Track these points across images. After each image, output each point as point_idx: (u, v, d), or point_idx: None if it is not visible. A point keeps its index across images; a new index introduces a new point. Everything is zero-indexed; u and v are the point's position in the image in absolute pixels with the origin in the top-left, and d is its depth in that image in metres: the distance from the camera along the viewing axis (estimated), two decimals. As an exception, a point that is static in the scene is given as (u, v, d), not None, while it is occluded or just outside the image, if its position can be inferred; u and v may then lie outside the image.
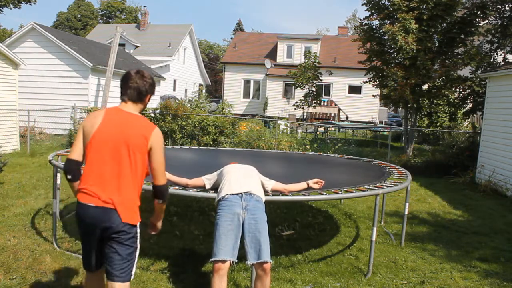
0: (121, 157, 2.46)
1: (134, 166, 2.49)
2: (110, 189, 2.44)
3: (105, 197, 2.42)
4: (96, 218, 2.42)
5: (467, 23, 11.71)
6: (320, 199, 4.37)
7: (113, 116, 2.54)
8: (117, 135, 2.47)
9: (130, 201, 2.50)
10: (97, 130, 2.47)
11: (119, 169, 2.46)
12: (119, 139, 2.47)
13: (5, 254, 4.05)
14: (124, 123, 2.52)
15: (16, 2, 21.55)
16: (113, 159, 2.46)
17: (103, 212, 2.41)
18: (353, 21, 50.07)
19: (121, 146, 2.46)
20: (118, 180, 2.46)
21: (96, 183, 2.44)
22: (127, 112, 2.57)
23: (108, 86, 14.35)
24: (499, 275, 4.22)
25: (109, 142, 2.46)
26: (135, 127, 2.52)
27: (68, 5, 49.22)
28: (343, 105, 24.98)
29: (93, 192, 2.43)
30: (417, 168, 10.40)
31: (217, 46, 52.96)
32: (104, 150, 2.46)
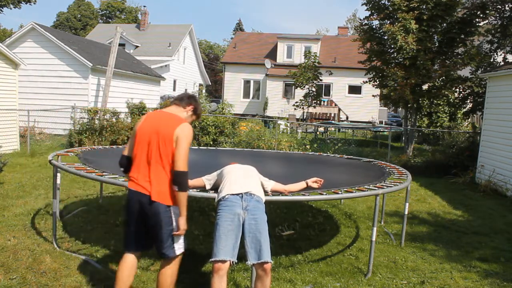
0: (152, 147, 2.90)
1: (164, 154, 2.87)
2: (144, 174, 2.89)
3: (140, 182, 2.88)
4: (135, 200, 2.89)
5: (467, 23, 11.72)
6: (320, 199, 4.37)
7: (152, 115, 3.07)
8: (151, 128, 2.93)
9: (160, 185, 2.86)
10: (139, 127, 3.00)
11: (151, 157, 2.89)
12: (152, 131, 2.92)
13: (5, 254, 4.05)
14: (159, 119, 3.01)
15: (16, 2, 21.56)
16: (147, 148, 2.91)
17: (140, 195, 2.87)
18: (353, 21, 50.06)
19: (152, 137, 2.90)
20: (150, 166, 2.88)
21: (135, 171, 2.94)
22: (166, 111, 3.09)
23: (108, 86, 14.35)
24: (499, 275, 4.22)
25: (145, 135, 2.94)
26: (167, 121, 2.97)
27: (68, 5, 49.26)
28: (343, 105, 24.98)
29: (133, 178, 2.93)
30: (417, 168, 10.40)
31: (217, 46, 52.95)
32: (142, 142, 2.94)
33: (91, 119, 12.22)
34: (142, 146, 2.94)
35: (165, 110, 3.10)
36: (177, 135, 2.87)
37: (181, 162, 2.84)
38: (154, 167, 2.87)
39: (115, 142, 11.41)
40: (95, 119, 12.21)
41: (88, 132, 11.88)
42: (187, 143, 2.90)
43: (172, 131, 2.88)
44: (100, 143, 11.45)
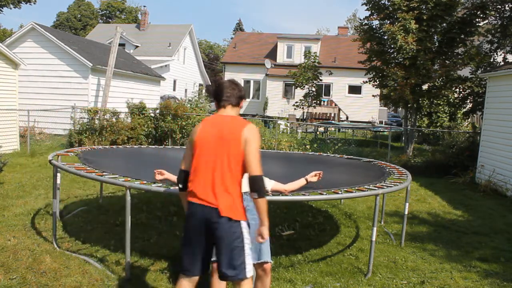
0: (218, 155, 2.60)
1: (234, 161, 2.59)
2: (210, 186, 2.57)
3: (206, 195, 2.56)
4: (200, 215, 2.57)
5: (467, 23, 11.71)
6: (320, 199, 4.37)
7: (210, 121, 2.75)
8: (214, 135, 2.64)
9: (230, 197, 2.58)
10: (198, 136, 2.67)
11: (217, 166, 2.58)
12: (216, 138, 2.63)
13: (5, 254, 4.05)
14: (221, 123, 2.69)
15: (16, 2, 21.56)
16: (212, 157, 2.61)
17: (206, 209, 2.55)
18: (353, 21, 50.05)
19: (217, 144, 2.61)
20: (216, 177, 2.57)
21: (198, 183, 2.60)
22: (224, 115, 2.76)
23: (108, 86, 14.34)
24: (499, 275, 4.22)
25: (208, 143, 2.63)
26: (230, 125, 2.67)
27: (68, 5, 49.24)
28: (343, 105, 24.97)
29: (197, 190, 2.60)
30: (417, 168, 10.40)
31: (217, 46, 52.95)
32: (205, 151, 2.63)
33: (91, 119, 12.22)
34: (205, 155, 2.62)
35: (222, 114, 2.78)
36: (245, 138, 2.59)
37: (255, 166, 2.57)
38: (221, 177, 2.57)
39: (115, 142, 11.41)
40: (95, 119, 12.21)
41: (88, 132, 11.87)
42: (258, 145, 2.64)
43: (239, 134, 2.60)
44: (100, 143, 11.44)
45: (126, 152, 6.58)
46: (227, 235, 2.54)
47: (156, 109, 13.04)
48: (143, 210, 5.87)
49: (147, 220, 5.43)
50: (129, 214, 3.63)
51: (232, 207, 2.56)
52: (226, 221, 2.54)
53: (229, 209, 2.55)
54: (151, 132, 12.29)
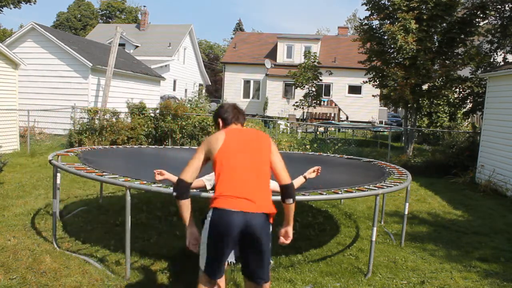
0: (250, 160, 2.65)
1: (266, 166, 2.69)
2: (245, 191, 2.55)
3: (243, 200, 2.52)
4: (235, 220, 2.47)
5: (467, 23, 11.71)
6: (320, 199, 4.37)
7: (235, 132, 2.80)
8: (243, 143, 2.71)
9: (266, 200, 2.62)
10: (224, 144, 2.65)
11: (250, 171, 2.61)
12: (245, 145, 2.69)
13: (5, 254, 4.05)
14: (247, 134, 2.82)
15: (16, 2, 21.56)
16: (243, 163, 2.62)
17: (243, 214, 2.48)
18: (353, 21, 50.06)
19: (247, 150, 2.67)
20: (251, 181, 2.59)
21: (232, 188, 2.54)
22: (245, 128, 2.93)
23: (108, 86, 14.34)
24: (499, 275, 4.22)
25: (241, 151, 2.66)
26: (258, 135, 2.81)
27: (68, 5, 49.26)
28: (343, 105, 24.98)
29: (232, 195, 2.52)
30: (417, 168, 10.40)
31: (217, 46, 52.96)
32: (239, 158, 2.62)
33: (91, 119, 12.22)
34: (240, 161, 2.61)
35: (240, 128, 2.92)
36: (273, 149, 2.75)
37: (286, 175, 2.72)
38: (256, 181, 2.60)
39: (115, 142, 11.41)
40: (95, 119, 12.21)
41: (88, 132, 11.87)
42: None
43: (269, 144, 2.75)
44: (100, 143, 11.44)
45: (126, 152, 6.57)
46: (266, 238, 2.56)
47: (156, 109, 13.04)
48: (143, 210, 5.87)
49: (147, 220, 5.43)
50: (129, 214, 3.63)
51: (267, 208, 2.59)
52: (267, 223, 2.57)
53: (270, 211, 2.60)
54: (151, 132, 12.30)
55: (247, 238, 2.50)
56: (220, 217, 2.50)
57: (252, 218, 2.49)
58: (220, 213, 2.51)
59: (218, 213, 2.51)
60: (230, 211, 2.48)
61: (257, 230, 2.50)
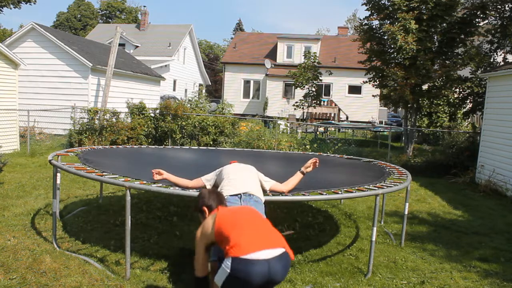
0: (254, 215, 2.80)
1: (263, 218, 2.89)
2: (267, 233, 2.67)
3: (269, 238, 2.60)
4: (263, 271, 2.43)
5: (467, 23, 11.71)
6: (320, 199, 4.37)
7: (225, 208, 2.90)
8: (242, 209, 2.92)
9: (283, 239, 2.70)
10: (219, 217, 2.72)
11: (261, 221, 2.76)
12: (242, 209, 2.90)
13: (5, 254, 4.05)
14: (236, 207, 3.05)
15: (16, 2, 21.55)
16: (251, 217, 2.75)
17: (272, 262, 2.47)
18: (353, 21, 50.05)
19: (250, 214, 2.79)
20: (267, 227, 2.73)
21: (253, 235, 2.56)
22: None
23: (108, 86, 14.34)
24: (499, 275, 4.22)
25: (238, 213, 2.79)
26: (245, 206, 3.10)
27: (68, 5, 49.25)
28: (343, 105, 24.97)
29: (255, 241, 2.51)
30: (417, 168, 10.40)
31: (217, 46, 52.94)
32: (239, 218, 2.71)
33: (91, 119, 12.22)
34: (239, 220, 2.69)
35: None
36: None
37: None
38: (266, 227, 2.73)
39: (115, 142, 11.41)
40: (95, 119, 12.20)
41: (88, 132, 11.87)
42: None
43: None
44: (100, 143, 11.44)
45: (126, 152, 6.58)
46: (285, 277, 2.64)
47: (156, 109, 13.04)
48: (143, 210, 5.87)
49: (147, 220, 5.43)
50: (129, 214, 3.63)
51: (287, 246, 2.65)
52: (289, 262, 2.61)
53: (287, 248, 2.63)
54: (151, 132, 12.30)
55: (269, 285, 2.50)
56: (242, 267, 2.40)
57: (275, 263, 2.45)
58: (241, 263, 2.40)
59: (239, 263, 2.41)
60: (253, 260, 2.40)
61: (280, 276, 2.51)
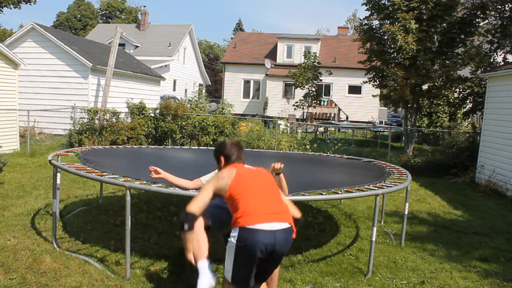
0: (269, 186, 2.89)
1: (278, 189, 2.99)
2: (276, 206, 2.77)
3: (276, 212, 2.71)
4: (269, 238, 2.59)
5: (467, 23, 11.72)
6: (320, 199, 4.37)
7: (243, 167, 3.02)
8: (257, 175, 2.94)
9: (290, 213, 2.85)
10: (236, 175, 2.83)
11: (273, 192, 2.86)
12: (260, 177, 2.93)
13: (5, 254, 4.05)
14: (256, 170, 3.03)
15: (16, 2, 21.54)
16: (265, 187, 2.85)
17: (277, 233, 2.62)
18: (353, 21, 50.05)
19: (264, 180, 2.90)
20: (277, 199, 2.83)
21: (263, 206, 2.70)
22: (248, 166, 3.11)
23: (108, 86, 14.34)
24: (499, 275, 4.22)
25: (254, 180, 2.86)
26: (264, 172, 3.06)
27: (68, 5, 49.25)
28: (343, 105, 24.97)
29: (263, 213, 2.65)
30: (417, 168, 10.40)
31: (217, 46, 52.94)
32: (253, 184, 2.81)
33: (91, 119, 12.22)
34: (252, 186, 2.80)
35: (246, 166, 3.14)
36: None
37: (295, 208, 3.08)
38: (276, 198, 2.84)
39: (115, 142, 11.41)
40: (95, 119, 12.20)
41: (88, 132, 11.87)
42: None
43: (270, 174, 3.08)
44: (100, 143, 11.44)
45: (126, 152, 6.58)
46: (286, 252, 2.76)
47: (156, 109, 13.04)
48: (143, 210, 5.87)
49: (147, 220, 5.43)
50: (129, 214, 3.63)
51: (292, 222, 2.77)
52: (291, 238, 2.71)
53: (292, 223, 2.75)
54: (151, 132, 12.30)
55: (273, 256, 2.62)
56: (249, 236, 2.57)
57: (280, 235, 2.61)
58: (248, 232, 2.58)
59: (247, 232, 2.58)
60: (259, 230, 2.57)
61: (283, 248, 2.65)
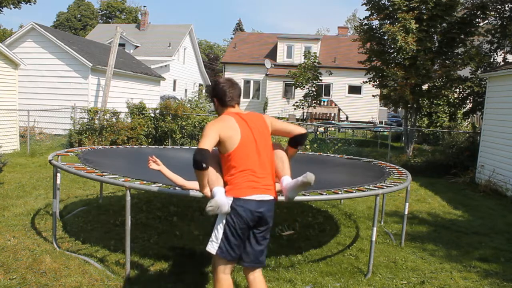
0: (266, 150, 2.89)
1: (272, 152, 2.98)
2: (270, 182, 2.86)
3: (266, 187, 2.81)
4: (258, 207, 2.75)
5: (467, 23, 11.71)
6: (320, 199, 4.36)
7: (242, 121, 2.88)
8: (255, 133, 2.86)
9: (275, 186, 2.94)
10: (241, 141, 2.79)
11: (268, 160, 2.88)
12: (258, 135, 2.87)
13: (5, 254, 4.05)
14: (254, 122, 2.92)
15: (16, 2, 21.52)
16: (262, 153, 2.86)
17: (264, 202, 2.79)
18: (353, 21, 50.05)
19: (262, 142, 2.87)
20: (266, 167, 2.85)
21: (256, 179, 2.78)
22: (245, 112, 2.97)
23: (108, 86, 14.34)
24: (499, 275, 4.22)
25: (254, 142, 2.84)
26: (261, 122, 2.95)
27: (68, 5, 49.26)
28: (343, 105, 24.97)
29: (255, 187, 2.76)
30: (417, 168, 10.40)
31: (217, 46, 52.96)
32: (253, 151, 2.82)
33: (91, 119, 12.22)
34: (252, 153, 2.81)
35: (241, 112, 2.98)
36: (270, 122, 3.01)
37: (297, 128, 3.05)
38: (270, 169, 2.88)
39: (115, 142, 11.41)
40: (95, 119, 12.21)
41: (88, 132, 11.87)
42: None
43: (267, 125, 2.97)
44: (100, 143, 11.44)
45: (126, 152, 6.58)
46: (271, 221, 2.87)
47: (156, 109, 13.04)
48: (143, 210, 5.88)
49: (147, 220, 5.43)
50: (129, 214, 3.63)
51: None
52: (274, 207, 2.88)
53: (276, 195, 2.93)
54: (151, 132, 12.30)
55: (261, 223, 2.79)
56: (242, 206, 2.72)
57: (268, 204, 2.80)
58: (241, 202, 2.72)
59: (240, 202, 2.72)
60: (252, 200, 2.73)
61: (270, 216, 2.83)
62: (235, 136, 2.77)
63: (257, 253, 2.83)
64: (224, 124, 2.81)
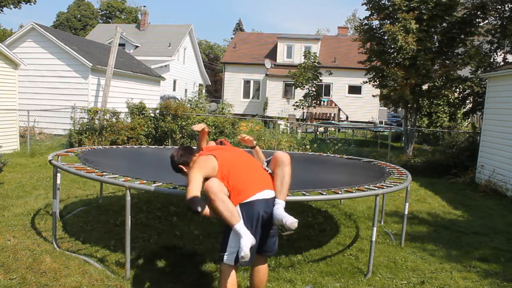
0: (248, 160, 3.23)
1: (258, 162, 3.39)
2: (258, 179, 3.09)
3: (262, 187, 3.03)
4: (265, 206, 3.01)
5: (467, 23, 11.71)
6: (320, 199, 4.36)
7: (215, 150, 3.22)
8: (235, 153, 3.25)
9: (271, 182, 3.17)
10: (221, 159, 3.04)
11: (255, 166, 3.22)
12: (239, 155, 3.23)
13: (5, 254, 4.05)
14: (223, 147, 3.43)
15: (16, 2, 21.53)
16: (247, 162, 3.17)
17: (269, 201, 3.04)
18: (353, 21, 50.06)
19: (245, 158, 3.21)
20: (261, 172, 3.19)
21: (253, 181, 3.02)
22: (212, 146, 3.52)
23: (108, 86, 14.34)
24: (499, 275, 4.22)
25: (238, 156, 3.19)
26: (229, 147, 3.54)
27: (68, 5, 49.25)
28: (343, 105, 24.97)
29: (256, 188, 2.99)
30: (417, 168, 10.40)
31: (217, 46, 52.95)
32: (237, 162, 3.11)
33: (91, 119, 12.22)
34: (238, 164, 3.09)
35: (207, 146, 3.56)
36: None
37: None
38: (260, 171, 3.19)
39: (115, 142, 11.41)
40: (95, 119, 12.20)
41: (88, 132, 11.87)
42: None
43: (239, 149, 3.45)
44: (100, 143, 11.44)
45: (126, 152, 6.58)
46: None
47: (156, 109, 13.04)
48: (143, 210, 5.87)
49: (147, 220, 5.43)
50: (129, 214, 3.63)
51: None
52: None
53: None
54: (151, 132, 12.30)
55: (268, 219, 2.99)
56: (250, 208, 2.91)
57: (271, 201, 3.01)
58: (249, 205, 2.91)
59: (247, 206, 2.91)
60: (255, 200, 2.93)
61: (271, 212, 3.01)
62: (210, 160, 3.04)
63: (268, 244, 3.13)
64: (204, 164, 3.01)
